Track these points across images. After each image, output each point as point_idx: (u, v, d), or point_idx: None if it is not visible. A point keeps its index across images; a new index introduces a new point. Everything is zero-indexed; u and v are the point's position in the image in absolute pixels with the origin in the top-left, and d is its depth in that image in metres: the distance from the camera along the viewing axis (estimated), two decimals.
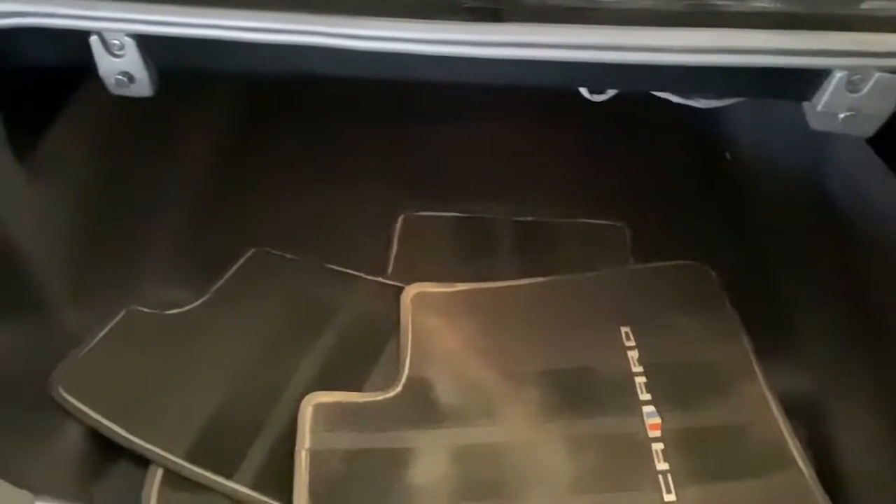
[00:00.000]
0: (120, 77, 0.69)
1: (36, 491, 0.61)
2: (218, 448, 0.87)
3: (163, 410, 0.90)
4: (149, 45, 0.67)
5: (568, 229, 1.19)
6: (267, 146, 1.30)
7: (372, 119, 1.34)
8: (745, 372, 0.95)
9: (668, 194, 1.24)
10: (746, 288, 1.05)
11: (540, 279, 1.07)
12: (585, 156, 1.30)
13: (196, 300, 1.03)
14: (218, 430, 0.88)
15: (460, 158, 1.29)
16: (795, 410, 0.92)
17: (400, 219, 1.19)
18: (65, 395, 0.87)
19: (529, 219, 1.20)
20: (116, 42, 0.67)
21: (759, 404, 0.92)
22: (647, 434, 0.89)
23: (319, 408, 0.89)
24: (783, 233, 1.12)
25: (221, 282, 1.06)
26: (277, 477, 0.83)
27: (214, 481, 0.84)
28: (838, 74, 0.64)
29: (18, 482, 0.61)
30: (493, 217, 1.20)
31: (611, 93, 0.79)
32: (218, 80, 1.24)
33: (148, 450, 0.85)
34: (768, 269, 1.10)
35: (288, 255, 1.11)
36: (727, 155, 1.30)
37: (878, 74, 0.64)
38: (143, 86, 0.70)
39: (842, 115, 0.67)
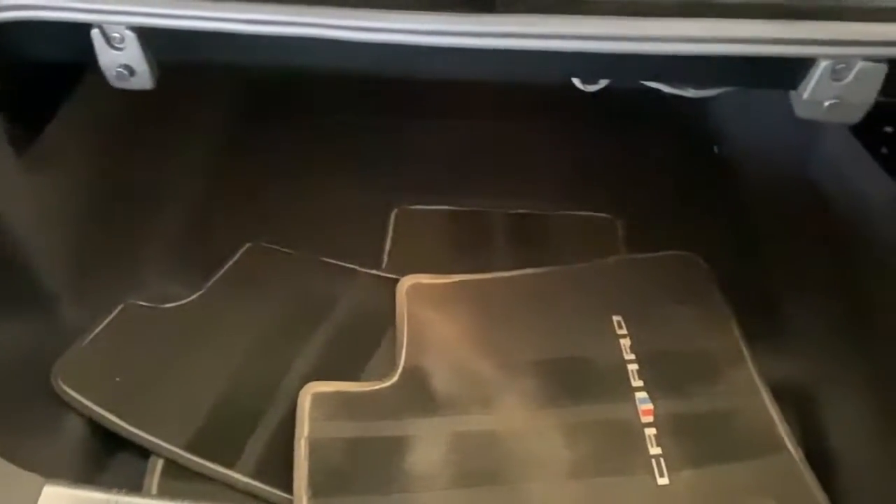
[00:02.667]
0: (121, 70, 0.70)
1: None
2: (218, 438, 0.87)
3: (162, 402, 0.90)
4: (149, 38, 0.68)
5: (560, 221, 1.20)
6: (263, 141, 1.31)
7: (366, 115, 1.36)
8: (736, 358, 0.97)
9: (659, 186, 1.26)
10: (737, 277, 1.07)
11: (533, 270, 1.09)
12: (577, 149, 1.32)
13: (193, 294, 1.04)
14: (218, 420, 0.89)
15: (453, 153, 1.31)
16: (785, 395, 0.93)
17: (394, 213, 1.20)
18: (65, 387, 0.88)
19: (522, 212, 1.22)
20: (117, 35, 0.68)
21: (750, 390, 0.94)
22: (640, 420, 0.90)
23: (318, 397, 0.89)
24: (772, 222, 1.14)
25: (218, 276, 1.07)
26: (277, 466, 0.84)
27: (215, 471, 0.85)
28: (823, 63, 0.66)
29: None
30: (487, 210, 1.22)
31: (603, 83, 0.80)
32: (214, 75, 1.25)
33: (148, 441, 0.86)
34: (758, 258, 1.12)
35: (284, 249, 1.12)
36: (716, 148, 1.32)
37: (861, 63, 0.65)
38: (143, 79, 0.71)
39: (827, 104, 0.68)
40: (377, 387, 0.92)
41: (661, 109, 1.20)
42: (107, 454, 0.88)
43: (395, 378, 0.93)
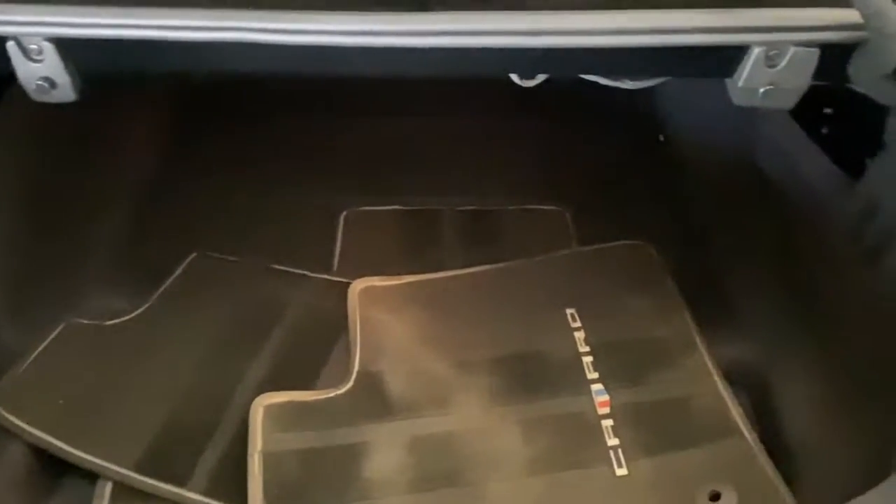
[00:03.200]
0: (41, 83, 0.67)
1: None
2: (169, 457, 0.85)
3: (109, 423, 0.88)
4: (69, 48, 0.65)
5: (510, 216, 1.20)
6: (201, 147, 1.28)
7: (306, 116, 1.34)
8: (688, 346, 0.97)
9: (606, 177, 1.26)
10: (687, 264, 1.08)
11: (485, 267, 1.08)
12: (522, 143, 1.32)
13: (137, 308, 1.01)
14: (167, 438, 0.87)
15: (399, 152, 1.30)
16: (738, 380, 0.94)
17: (342, 215, 1.19)
18: (5, 413, 0.85)
19: (471, 208, 1.21)
20: (35, 47, 0.65)
21: (703, 376, 0.94)
22: (596, 412, 0.90)
23: (270, 409, 0.88)
24: (720, 208, 1.16)
25: (163, 288, 1.04)
26: (231, 482, 0.82)
27: (167, 490, 0.82)
28: (756, 50, 0.66)
29: None
30: (436, 208, 1.21)
31: (541, 78, 0.79)
32: (147, 81, 1.21)
33: (95, 464, 0.83)
34: (707, 245, 1.13)
35: (230, 258, 1.10)
36: (661, 137, 1.33)
37: (793, 49, 0.66)
38: (65, 91, 0.68)
39: (762, 90, 0.68)
40: (331, 394, 0.91)
41: (603, 100, 1.20)
42: (53, 480, 0.85)
43: (350, 384, 0.92)
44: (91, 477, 0.84)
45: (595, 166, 1.28)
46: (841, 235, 0.90)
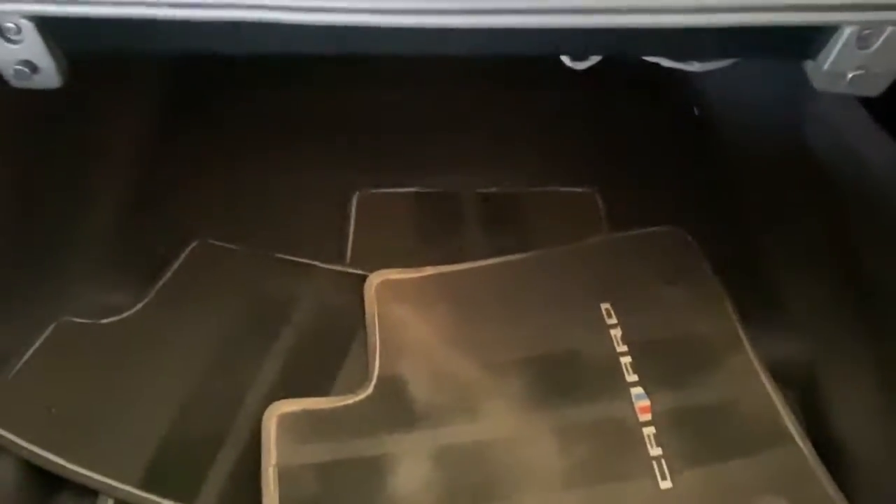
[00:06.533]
0: (20, 67, 0.58)
1: None
2: (174, 471, 0.79)
3: (108, 434, 0.81)
4: (52, 27, 0.56)
5: (536, 198, 1.12)
6: (200, 125, 1.19)
7: (314, 88, 1.23)
8: (733, 342, 0.91)
9: (639, 156, 1.18)
10: (727, 252, 1.01)
11: (512, 257, 1.01)
12: (548, 121, 1.23)
13: (135, 304, 0.93)
14: (173, 450, 0.81)
15: (416, 128, 1.20)
16: (786, 380, 0.88)
17: (355, 197, 1.10)
18: None
19: (494, 190, 1.13)
20: (12, 25, 0.56)
21: (750, 377, 0.88)
22: (637, 418, 0.84)
23: (285, 418, 0.81)
24: (763, 192, 1.08)
25: (162, 281, 0.96)
26: (243, 499, 0.77)
27: None
28: (848, 30, 0.58)
29: None
30: (456, 191, 1.12)
31: (594, 59, 0.71)
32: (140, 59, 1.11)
33: (94, 480, 0.77)
34: (749, 231, 1.06)
35: (234, 247, 1.01)
36: (696, 110, 1.25)
37: (890, 28, 0.58)
38: (49, 76, 0.59)
39: (850, 75, 0.61)
40: (350, 401, 0.85)
41: (633, 76, 1.12)
42: (47, 498, 0.79)
43: (370, 390, 0.86)
44: (89, 495, 0.78)
45: (626, 145, 1.20)
46: None
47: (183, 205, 1.07)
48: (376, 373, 0.87)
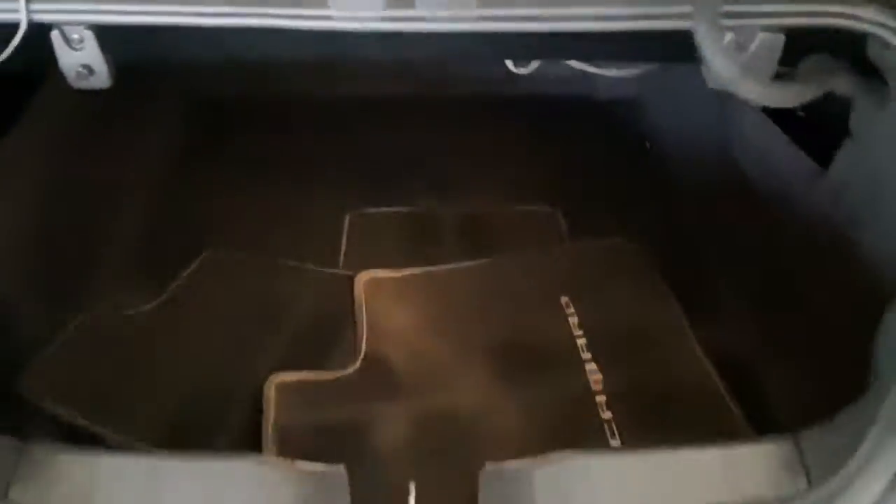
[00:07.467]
0: (81, 70, 0.74)
1: None
2: (187, 436, 0.88)
3: (130, 405, 0.91)
4: (107, 36, 0.72)
5: (505, 217, 1.26)
6: (219, 151, 1.36)
7: (315, 127, 1.42)
8: (676, 329, 1.03)
9: (595, 180, 1.33)
10: (674, 261, 1.13)
11: (483, 260, 1.14)
12: (516, 150, 1.39)
13: (152, 302, 1.05)
14: (185, 419, 0.90)
15: (400, 160, 1.36)
16: (723, 364, 0.98)
17: (348, 216, 1.25)
18: (33, 394, 0.88)
19: (468, 211, 1.27)
20: (76, 36, 0.72)
21: (690, 356, 0.99)
22: (590, 388, 0.95)
23: (282, 386, 0.92)
24: (703, 205, 1.22)
25: (177, 283, 1.08)
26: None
27: None
28: (728, 36, 0.73)
29: None
30: (435, 212, 1.27)
31: (533, 65, 0.86)
32: (169, 84, 1.29)
33: (117, 440, 0.86)
34: (693, 241, 1.19)
35: (241, 253, 1.15)
36: (648, 144, 1.41)
37: (761, 34, 0.73)
38: (102, 78, 0.74)
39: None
40: (340, 374, 0.96)
41: (593, 112, 1.28)
42: None
43: (357, 365, 0.97)
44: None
45: (585, 171, 1.35)
46: (812, 222, 0.95)
47: (199, 220, 1.21)
48: (363, 351, 0.98)
